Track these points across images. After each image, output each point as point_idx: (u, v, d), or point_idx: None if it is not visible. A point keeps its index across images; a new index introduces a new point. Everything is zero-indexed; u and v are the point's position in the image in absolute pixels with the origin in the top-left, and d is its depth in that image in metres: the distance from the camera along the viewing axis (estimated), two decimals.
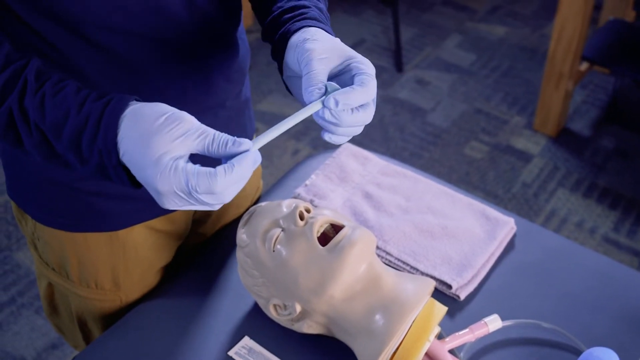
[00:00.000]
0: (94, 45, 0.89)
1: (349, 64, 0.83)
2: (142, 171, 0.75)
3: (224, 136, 0.75)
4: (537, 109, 2.89)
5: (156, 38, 0.92)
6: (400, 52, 3.30)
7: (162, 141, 0.74)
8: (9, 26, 0.88)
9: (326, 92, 0.80)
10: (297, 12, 0.90)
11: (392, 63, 3.32)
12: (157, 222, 1.11)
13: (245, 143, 0.75)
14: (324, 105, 0.80)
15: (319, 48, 0.83)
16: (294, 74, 0.87)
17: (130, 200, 1.05)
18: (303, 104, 0.83)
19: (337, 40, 0.87)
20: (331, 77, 0.84)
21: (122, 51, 0.90)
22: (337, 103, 0.79)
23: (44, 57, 0.89)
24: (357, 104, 0.80)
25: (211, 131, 0.75)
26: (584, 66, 2.87)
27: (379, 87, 3.16)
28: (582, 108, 3.05)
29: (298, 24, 0.88)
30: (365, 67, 0.83)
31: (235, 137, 0.75)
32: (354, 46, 3.42)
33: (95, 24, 0.87)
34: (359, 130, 0.83)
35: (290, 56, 0.86)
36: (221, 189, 0.73)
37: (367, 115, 0.82)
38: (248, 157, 0.74)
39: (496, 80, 3.22)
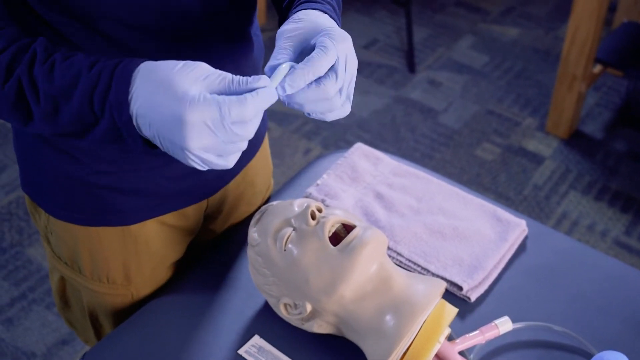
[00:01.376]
0: (105, 38, 0.89)
1: (318, 38, 0.82)
2: (164, 113, 0.74)
3: (242, 77, 0.76)
4: (549, 111, 2.88)
5: (168, 32, 0.92)
6: (413, 52, 3.29)
7: (187, 80, 0.74)
8: (21, 18, 0.89)
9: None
10: (299, 1, 0.91)
11: (405, 63, 3.31)
12: (170, 218, 1.12)
13: (263, 78, 0.76)
14: (278, 93, 0.79)
15: (290, 28, 0.83)
16: None
17: (143, 196, 1.06)
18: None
19: (320, 16, 0.86)
20: (306, 54, 0.82)
21: (134, 44, 0.91)
22: (284, 89, 0.79)
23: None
24: (306, 83, 0.79)
25: (228, 74, 0.76)
26: (598, 68, 2.86)
27: (391, 87, 3.16)
28: (595, 110, 3.04)
29: (292, 12, 0.88)
30: (326, 39, 0.81)
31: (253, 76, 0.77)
32: (366, 46, 3.42)
33: (106, 16, 0.87)
34: (327, 104, 0.82)
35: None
36: (251, 114, 0.73)
37: (322, 91, 0.80)
38: (267, 88, 0.76)
39: (509, 82, 3.21)
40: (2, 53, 0.80)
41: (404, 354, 0.95)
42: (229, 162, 0.78)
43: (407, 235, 1.19)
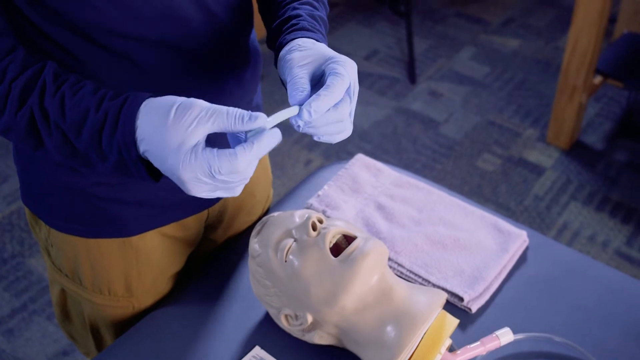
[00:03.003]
0: (108, 52, 0.90)
1: (327, 65, 0.86)
2: (163, 163, 0.77)
3: (238, 111, 0.77)
4: (550, 121, 2.88)
5: (170, 45, 0.92)
6: (414, 63, 3.30)
7: (177, 132, 0.76)
8: (25, 34, 0.89)
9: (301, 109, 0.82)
10: (288, 25, 0.94)
11: (406, 74, 3.32)
12: (170, 229, 1.12)
13: (260, 117, 0.78)
14: (298, 119, 0.83)
15: (298, 57, 0.87)
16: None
17: (143, 207, 1.06)
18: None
19: (322, 45, 0.90)
20: (315, 81, 0.87)
21: (136, 58, 0.91)
22: (310, 114, 0.81)
23: (59, 63, 0.90)
24: (328, 108, 0.83)
25: (223, 109, 0.77)
26: (598, 79, 2.87)
27: (391, 98, 3.16)
28: (596, 121, 3.04)
29: (288, 37, 0.92)
30: (338, 67, 0.85)
31: (251, 112, 0.78)
32: (367, 57, 3.43)
33: (109, 31, 0.88)
34: (340, 126, 0.86)
35: (279, 69, 0.90)
36: (243, 167, 0.76)
37: (339, 113, 0.85)
38: (266, 135, 0.78)
39: (509, 93, 3.21)
40: (15, 80, 0.82)
41: None
42: (236, 192, 0.81)
43: (408, 246, 1.19)
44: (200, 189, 0.78)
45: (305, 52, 0.87)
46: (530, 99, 3.17)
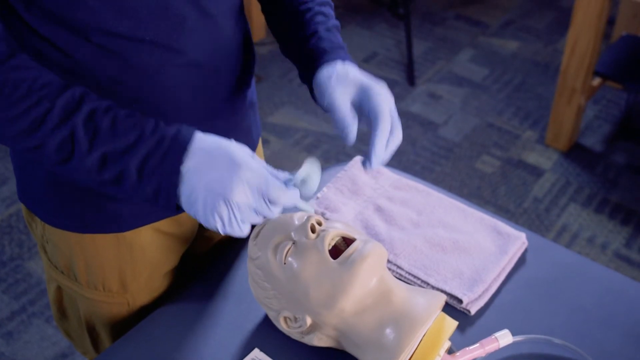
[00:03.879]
0: (102, 51, 0.90)
1: (368, 98, 0.97)
2: (219, 168, 0.85)
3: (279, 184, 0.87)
4: (549, 123, 2.88)
5: (164, 44, 0.93)
6: (413, 65, 3.30)
7: (243, 151, 0.87)
8: (19, 33, 0.89)
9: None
10: (314, 44, 1.04)
11: (405, 77, 3.32)
12: (164, 224, 1.12)
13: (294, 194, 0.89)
14: (369, 166, 0.97)
15: (341, 91, 0.98)
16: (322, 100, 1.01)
17: (138, 202, 1.06)
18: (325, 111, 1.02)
19: (354, 70, 1.00)
20: (356, 106, 0.99)
21: (130, 57, 0.92)
22: (371, 164, 0.97)
23: (54, 62, 0.90)
24: (384, 149, 0.96)
25: (270, 179, 0.87)
26: (597, 81, 2.87)
27: None
28: (595, 123, 3.04)
29: (320, 61, 1.02)
30: (379, 103, 0.96)
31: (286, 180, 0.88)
32: (366, 59, 3.43)
33: (103, 30, 0.88)
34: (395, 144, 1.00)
35: (317, 94, 1.02)
36: (282, 202, 0.87)
37: (396, 139, 0.99)
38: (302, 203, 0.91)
39: (508, 95, 3.22)
40: (56, 98, 0.84)
41: None
42: (244, 230, 0.87)
43: (407, 248, 1.19)
44: (238, 197, 0.84)
45: (344, 84, 0.98)
46: (529, 101, 3.18)
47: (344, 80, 0.99)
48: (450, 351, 1.03)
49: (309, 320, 0.98)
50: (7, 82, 0.83)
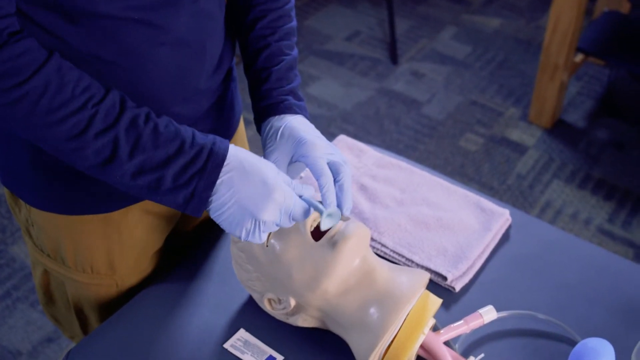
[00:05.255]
0: (93, 33, 0.89)
1: (300, 153, 0.98)
2: (252, 188, 0.89)
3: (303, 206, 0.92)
4: (532, 100, 2.89)
5: (150, 22, 0.92)
6: (395, 44, 3.29)
7: (273, 171, 0.91)
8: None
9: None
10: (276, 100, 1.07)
11: (387, 55, 3.31)
12: (151, 204, 1.12)
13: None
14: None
15: (273, 152, 1.01)
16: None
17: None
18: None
19: (289, 122, 1.02)
20: (294, 161, 1.01)
21: (118, 36, 0.91)
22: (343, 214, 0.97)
23: (44, 45, 0.89)
24: (333, 191, 0.95)
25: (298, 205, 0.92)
26: (579, 58, 2.87)
27: (374, 79, 3.16)
28: (577, 100, 3.05)
29: (260, 114, 1.06)
30: (312, 159, 0.97)
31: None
32: (349, 38, 3.42)
33: (94, 12, 0.87)
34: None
35: (262, 145, 1.05)
36: (302, 218, 0.91)
37: (344, 180, 0.97)
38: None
39: (491, 72, 3.22)
40: (99, 104, 0.85)
41: (389, 345, 0.95)
42: (264, 239, 0.91)
43: (391, 226, 1.19)
44: (268, 215, 0.88)
45: (280, 147, 1.01)
46: (512, 78, 3.18)
47: (281, 141, 1.01)
48: (434, 328, 1.04)
49: (292, 302, 0.98)
50: (51, 84, 0.83)
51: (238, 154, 0.90)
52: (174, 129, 0.89)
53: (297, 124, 1.01)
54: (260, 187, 0.88)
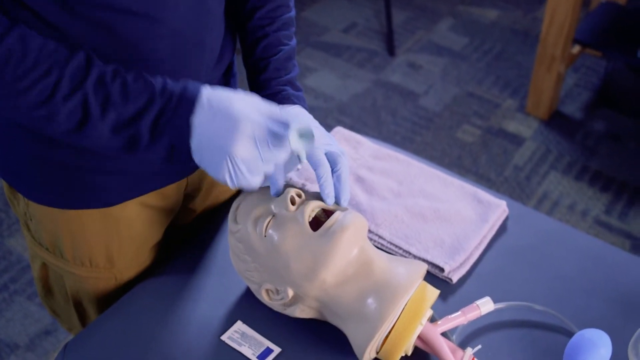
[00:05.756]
0: (90, 23, 0.89)
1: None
2: (221, 124, 0.85)
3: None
4: (529, 92, 2.89)
5: (148, 14, 0.91)
6: (392, 35, 3.29)
7: (244, 103, 0.87)
8: (5, 7, 0.87)
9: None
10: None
11: (384, 47, 3.31)
12: (150, 198, 1.12)
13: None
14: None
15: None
16: None
17: (123, 176, 1.05)
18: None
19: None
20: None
21: (115, 27, 0.90)
22: (340, 204, 0.99)
23: (39, 35, 0.89)
24: (331, 182, 0.97)
25: (275, 107, 0.89)
26: (576, 49, 2.87)
27: (370, 71, 3.15)
28: (574, 91, 3.05)
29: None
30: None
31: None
32: (345, 30, 3.41)
33: (91, 2, 0.87)
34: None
35: None
36: (292, 146, 0.87)
37: (341, 170, 0.98)
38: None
39: (488, 64, 3.21)
40: (64, 67, 0.84)
41: (387, 336, 0.95)
42: (256, 181, 0.89)
43: (388, 218, 1.19)
44: (242, 150, 0.85)
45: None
46: (509, 69, 3.18)
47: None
48: (432, 320, 1.04)
49: (290, 292, 0.98)
50: (14, 53, 0.82)
51: (213, 92, 0.88)
52: (143, 82, 0.87)
53: (294, 113, 1.00)
54: (225, 121, 0.86)
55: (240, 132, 0.85)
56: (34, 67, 0.83)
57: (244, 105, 0.86)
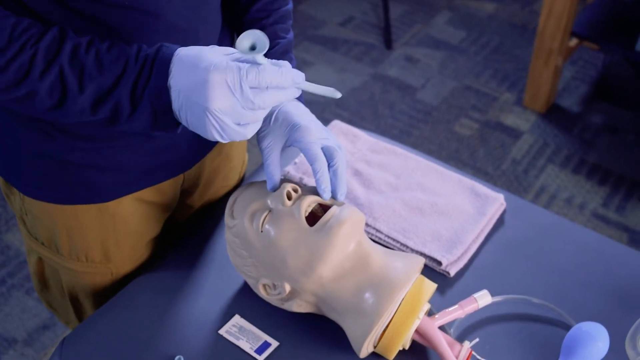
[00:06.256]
0: (83, 17, 0.88)
1: (294, 137, 0.97)
2: (192, 79, 0.82)
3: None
4: (526, 85, 2.88)
5: (143, 8, 0.91)
6: (390, 29, 3.28)
7: (215, 53, 0.84)
8: None
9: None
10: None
11: (382, 40, 3.30)
12: (146, 193, 1.11)
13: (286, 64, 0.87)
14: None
15: (266, 136, 0.98)
16: None
17: (119, 172, 1.05)
18: None
19: (284, 107, 1.00)
20: (288, 146, 0.99)
21: (112, 23, 0.90)
22: (334, 197, 0.97)
23: None
24: (327, 177, 0.95)
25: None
26: (574, 42, 2.87)
27: (368, 64, 3.15)
28: (572, 84, 3.05)
29: None
30: (305, 144, 0.95)
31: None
32: (343, 23, 3.41)
33: None
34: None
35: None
36: (267, 82, 0.82)
37: (338, 164, 0.96)
38: (290, 68, 0.85)
39: (486, 57, 3.21)
40: (37, 43, 0.83)
41: (384, 330, 0.95)
42: (247, 131, 0.85)
43: (386, 212, 1.19)
44: (219, 102, 0.81)
45: (274, 131, 0.98)
46: (507, 63, 3.17)
47: (275, 125, 0.98)
48: (429, 313, 1.04)
49: (287, 287, 0.98)
50: None
51: (186, 52, 0.85)
52: (117, 50, 0.85)
53: (291, 108, 1.00)
54: (197, 75, 0.82)
55: (211, 82, 0.81)
56: (8, 46, 0.82)
57: (212, 55, 0.83)
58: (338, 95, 0.90)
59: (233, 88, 0.82)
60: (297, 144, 0.96)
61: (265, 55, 1.05)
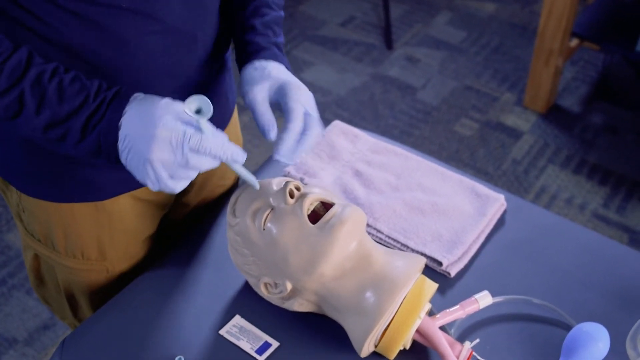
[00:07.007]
0: (79, 19, 0.89)
1: (283, 94, 0.98)
2: (140, 130, 0.86)
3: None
4: (527, 85, 2.88)
5: (141, 11, 0.91)
6: (390, 29, 3.28)
7: (167, 110, 0.87)
8: None
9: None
10: (245, 44, 1.06)
11: (382, 40, 3.30)
12: (142, 192, 1.12)
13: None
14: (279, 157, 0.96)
15: (260, 88, 0.99)
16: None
17: (116, 170, 1.05)
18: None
19: (275, 67, 1.02)
20: (275, 105, 0.99)
21: (108, 25, 0.90)
22: (274, 156, 0.95)
23: (31, 30, 0.89)
24: (295, 140, 0.95)
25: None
26: (574, 42, 2.87)
27: (368, 65, 3.15)
28: (572, 84, 3.05)
29: (244, 59, 1.05)
30: (291, 102, 0.96)
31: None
32: (343, 23, 3.41)
33: None
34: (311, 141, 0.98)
35: (242, 92, 1.02)
36: (205, 150, 0.86)
37: (311, 137, 0.96)
38: (230, 145, 0.89)
39: (486, 57, 3.21)
40: (7, 61, 0.86)
41: (385, 330, 0.95)
42: (177, 186, 0.89)
43: (386, 212, 1.19)
44: (160, 155, 0.85)
45: (262, 84, 0.99)
46: (507, 63, 3.17)
47: (264, 79, 1.00)
48: (430, 313, 1.04)
49: (289, 286, 0.98)
50: None
51: (143, 98, 0.89)
52: (79, 84, 0.88)
53: (283, 69, 1.01)
54: (146, 126, 0.86)
55: (157, 138, 0.85)
56: None
57: (164, 112, 0.86)
58: (257, 187, 0.97)
59: (175, 147, 0.85)
60: (284, 99, 0.97)
61: (256, 21, 1.06)
